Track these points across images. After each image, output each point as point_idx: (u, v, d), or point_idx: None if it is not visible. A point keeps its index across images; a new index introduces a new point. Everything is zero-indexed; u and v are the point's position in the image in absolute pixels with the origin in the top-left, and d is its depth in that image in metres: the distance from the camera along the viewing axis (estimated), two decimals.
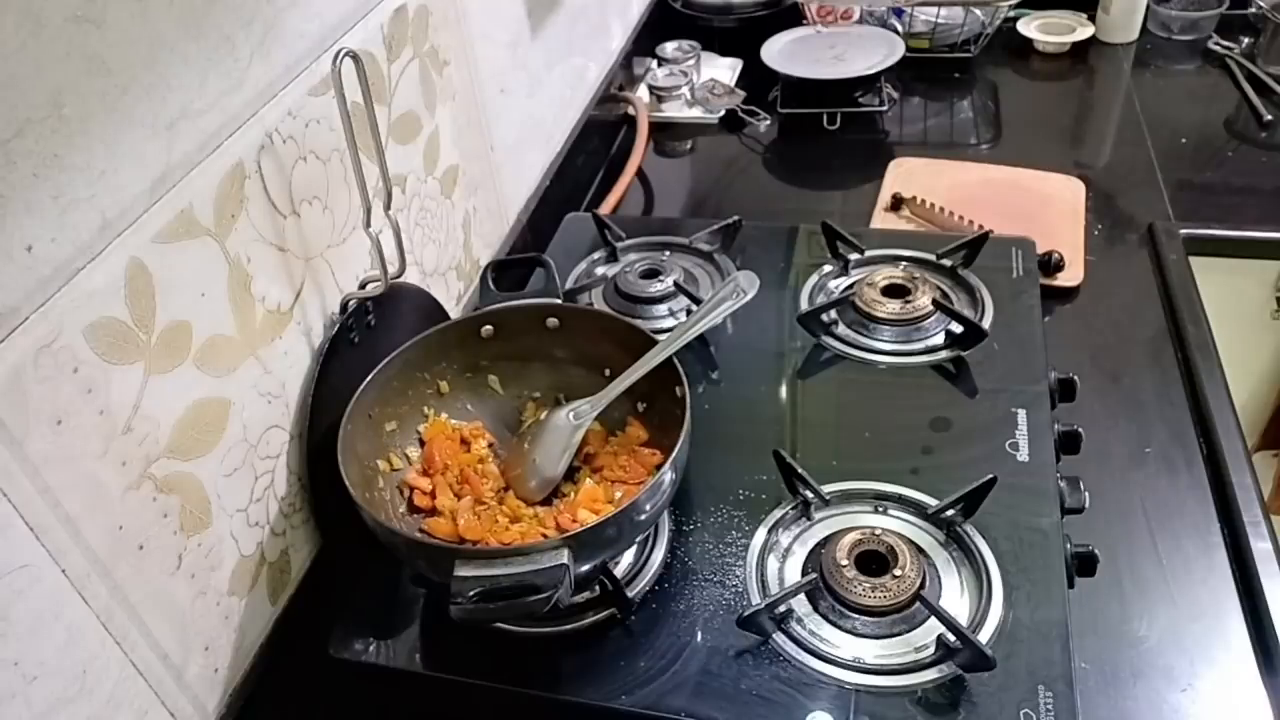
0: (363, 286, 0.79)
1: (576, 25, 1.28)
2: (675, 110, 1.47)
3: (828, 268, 1.02)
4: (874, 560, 0.70)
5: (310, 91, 0.72)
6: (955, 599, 0.69)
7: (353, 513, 0.66)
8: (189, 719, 0.65)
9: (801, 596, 0.70)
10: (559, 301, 0.83)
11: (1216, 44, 1.52)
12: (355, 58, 0.67)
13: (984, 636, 0.65)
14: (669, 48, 1.53)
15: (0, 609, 0.50)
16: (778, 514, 0.76)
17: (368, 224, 0.73)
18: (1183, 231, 1.11)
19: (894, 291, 0.94)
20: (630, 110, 1.43)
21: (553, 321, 0.82)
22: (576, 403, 0.78)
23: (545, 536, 0.72)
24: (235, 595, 0.68)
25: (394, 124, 0.84)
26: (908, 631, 0.67)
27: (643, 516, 0.67)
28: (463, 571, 0.59)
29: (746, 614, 0.68)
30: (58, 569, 0.53)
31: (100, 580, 0.56)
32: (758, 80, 1.49)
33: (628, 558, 0.74)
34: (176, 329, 0.60)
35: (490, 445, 0.82)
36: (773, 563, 0.73)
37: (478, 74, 0.99)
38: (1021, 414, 0.81)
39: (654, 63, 1.53)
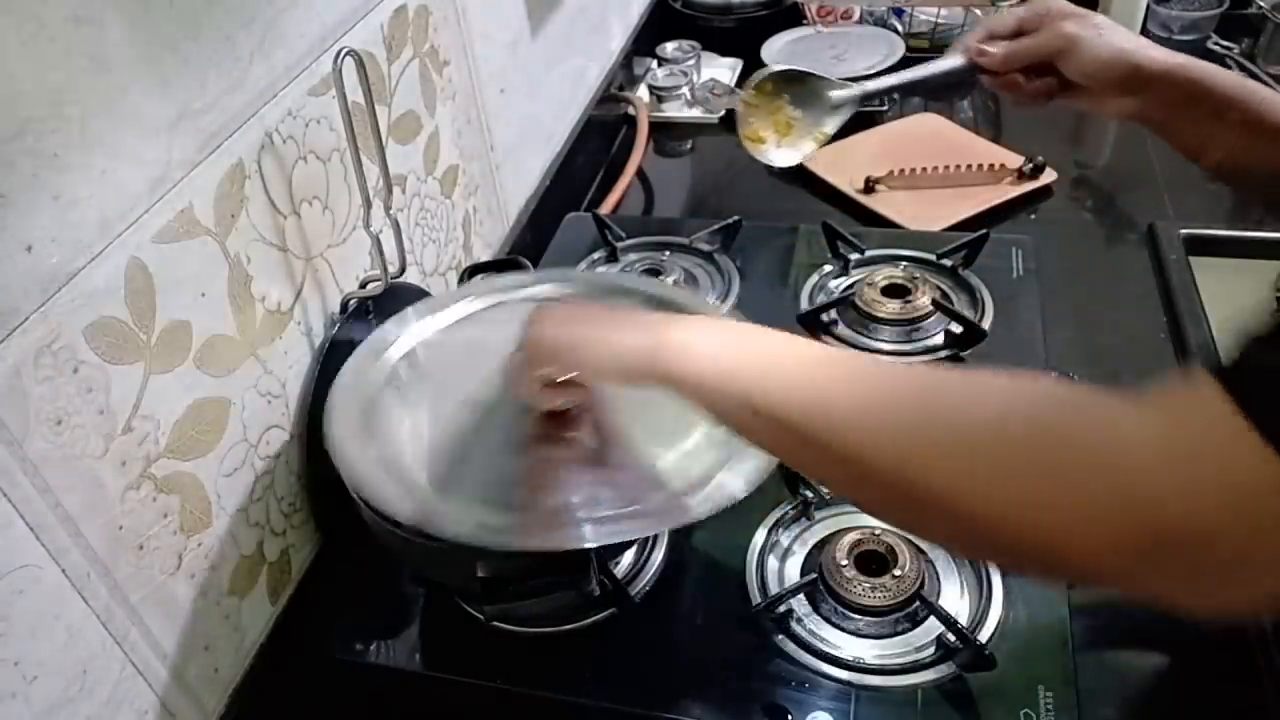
0: (363, 286, 0.79)
1: (576, 25, 1.28)
2: (675, 110, 1.47)
3: (828, 267, 1.02)
4: (874, 560, 0.70)
5: (310, 91, 0.71)
6: (955, 599, 0.69)
7: (353, 513, 0.66)
8: (189, 719, 0.65)
9: (801, 596, 0.70)
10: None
11: (1216, 44, 1.52)
12: (356, 57, 0.67)
13: (984, 636, 0.65)
14: (669, 48, 1.53)
15: (0, 609, 0.50)
16: (778, 513, 0.76)
17: (368, 223, 0.73)
18: (1183, 231, 1.11)
19: (894, 291, 0.94)
20: (630, 110, 1.43)
21: None
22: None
23: None
24: (235, 595, 0.68)
25: (394, 124, 0.84)
26: (908, 631, 0.68)
27: None
28: (486, 572, 0.59)
29: (747, 614, 0.68)
30: (58, 569, 0.53)
31: (100, 580, 0.56)
32: None
33: (628, 557, 0.75)
34: (176, 329, 0.60)
35: None
36: (772, 562, 0.73)
37: (478, 74, 0.99)
38: None
39: (654, 63, 1.53)
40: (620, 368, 0.56)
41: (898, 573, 0.68)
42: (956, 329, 0.90)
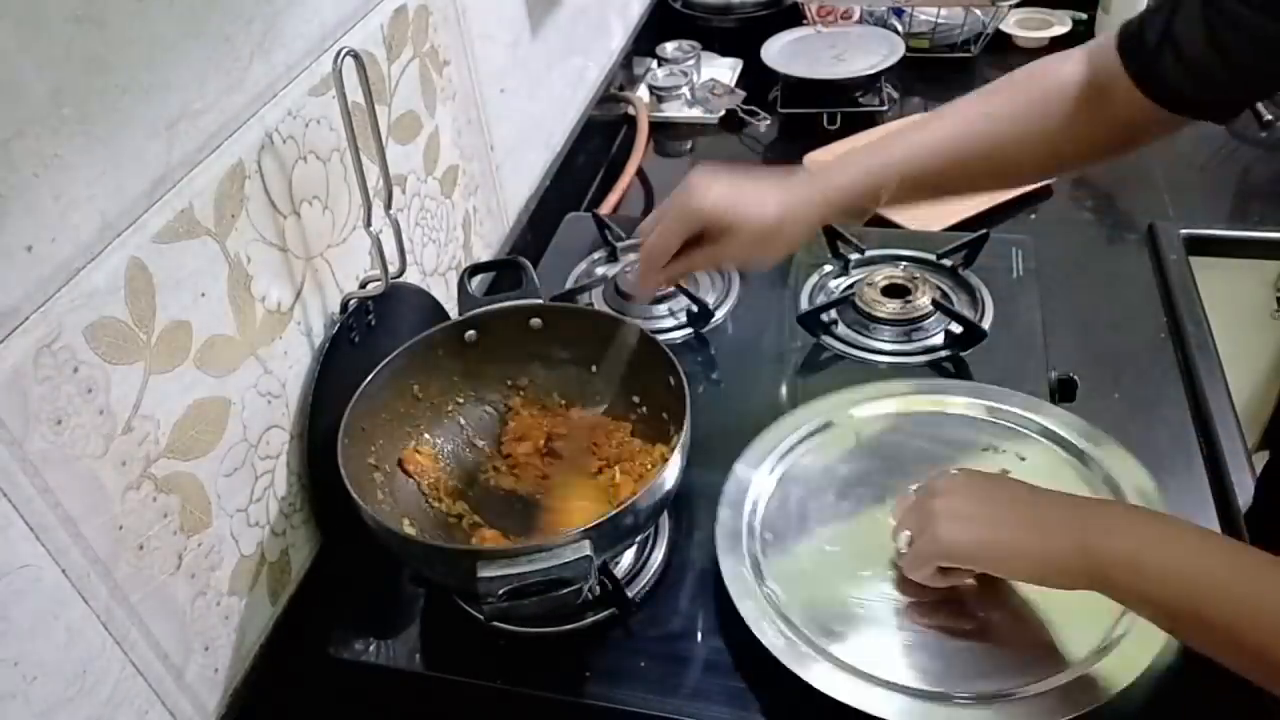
0: (363, 286, 0.79)
1: (576, 25, 1.28)
2: (675, 110, 1.47)
3: (828, 267, 1.02)
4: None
5: (310, 91, 0.71)
6: None
7: (352, 513, 0.66)
8: (189, 719, 0.65)
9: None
10: (540, 302, 0.83)
11: None
12: (356, 57, 0.67)
13: None
14: (669, 48, 1.53)
15: (0, 609, 0.50)
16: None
17: (368, 223, 0.73)
18: (1183, 231, 1.11)
19: (894, 291, 0.94)
20: (630, 110, 1.43)
21: (536, 322, 0.82)
22: None
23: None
24: (235, 595, 0.68)
25: (394, 124, 0.84)
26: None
27: (658, 502, 0.68)
28: (486, 572, 0.59)
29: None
30: (58, 569, 0.53)
31: (100, 580, 0.56)
32: (758, 80, 1.49)
33: (628, 558, 0.75)
34: (176, 329, 0.60)
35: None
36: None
37: (478, 74, 0.99)
38: None
39: (654, 63, 1.53)
40: (1044, 575, 0.59)
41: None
42: (956, 329, 0.90)
